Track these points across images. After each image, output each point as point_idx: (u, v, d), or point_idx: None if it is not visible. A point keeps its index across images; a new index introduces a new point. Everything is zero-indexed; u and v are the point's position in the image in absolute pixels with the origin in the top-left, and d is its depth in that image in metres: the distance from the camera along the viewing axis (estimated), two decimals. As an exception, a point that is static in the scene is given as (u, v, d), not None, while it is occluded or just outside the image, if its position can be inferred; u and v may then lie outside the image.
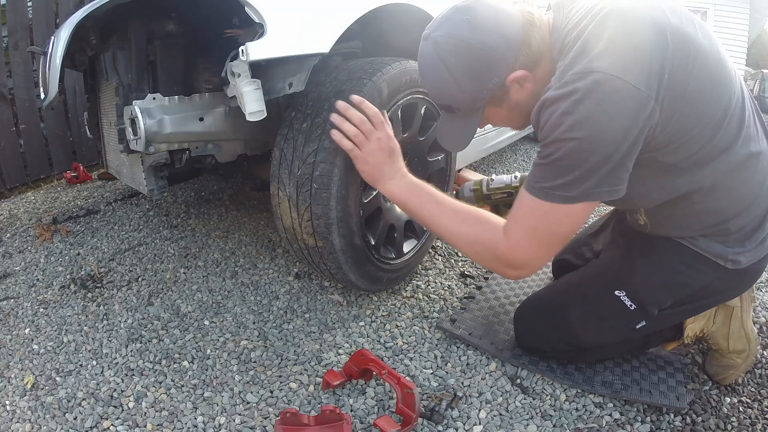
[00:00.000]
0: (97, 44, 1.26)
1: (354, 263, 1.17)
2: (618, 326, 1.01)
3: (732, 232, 0.89)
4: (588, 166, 0.75)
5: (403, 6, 1.24)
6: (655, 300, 0.96)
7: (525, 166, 2.98)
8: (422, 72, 0.90)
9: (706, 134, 0.80)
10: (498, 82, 0.84)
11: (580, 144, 0.73)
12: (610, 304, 0.99)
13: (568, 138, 0.74)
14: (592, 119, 0.72)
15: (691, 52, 0.75)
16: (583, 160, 0.74)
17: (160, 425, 0.93)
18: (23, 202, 2.26)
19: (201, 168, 1.60)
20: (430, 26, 0.87)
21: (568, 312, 1.04)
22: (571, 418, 0.97)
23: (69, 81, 2.61)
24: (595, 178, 0.76)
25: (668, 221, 0.94)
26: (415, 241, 1.40)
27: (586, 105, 0.72)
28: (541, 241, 0.85)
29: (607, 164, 0.75)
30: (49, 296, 1.39)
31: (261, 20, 0.93)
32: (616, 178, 0.77)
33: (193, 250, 1.63)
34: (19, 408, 0.98)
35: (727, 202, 0.87)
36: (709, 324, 1.09)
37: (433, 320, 1.27)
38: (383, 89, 1.12)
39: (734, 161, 0.84)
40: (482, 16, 0.82)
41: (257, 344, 1.17)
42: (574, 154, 0.75)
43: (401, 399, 0.91)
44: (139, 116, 1.05)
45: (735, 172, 0.85)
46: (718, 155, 0.82)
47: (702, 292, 0.95)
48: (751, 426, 0.99)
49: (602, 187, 0.77)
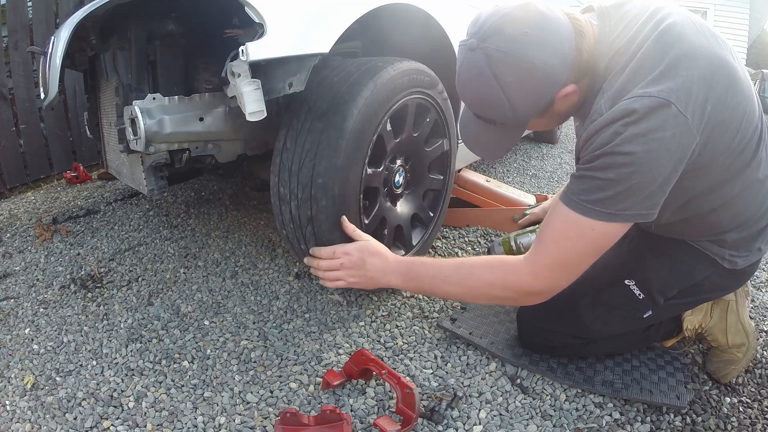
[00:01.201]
0: (97, 44, 1.26)
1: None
2: (626, 316, 1.03)
3: (728, 242, 0.93)
4: (632, 184, 0.75)
5: (403, 6, 1.24)
6: (661, 289, 0.99)
7: (525, 166, 2.98)
8: (466, 84, 0.85)
9: (728, 161, 0.82)
10: (551, 99, 0.83)
11: (631, 159, 0.74)
12: (620, 293, 1.02)
13: (619, 152, 0.74)
14: (646, 138, 0.73)
15: (731, 85, 0.77)
16: (629, 176, 0.75)
17: (160, 425, 0.93)
18: (23, 202, 2.26)
19: (201, 168, 1.59)
20: (475, 33, 0.79)
21: (578, 302, 1.05)
22: (571, 418, 0.97)
23: (69, 81, 2.61)
24: (634, 198, 0.76)
25: (670, 229, 0.98)
26: (422, 230, 1.44)
27: (643, 125, 0.72)
28: (567, 262, 0.85)
29: (650, 186, 0.75)
30: (49, 296, 1.39)
31: (261, 20, 0.93)
32: (652, 202, 0.78)
33: (193, 250, 1.63)
34: (19, 408, 0.98)
35: (727, 218, 0.91)
36: (706, 318, 1.10)
37: (433, 320, 1.27)
38: (383, 89, 1.12)
39: (743, 184, 0.87)
40: (540, 29, 0.77)
41: (257, 344, 1.16)
42: (622, 168, 0.75)
43: (401, 399, 0.91)
44: (139, 116, 1.05)
45: (741, 194, 0.88)
46: (730, 179, 0.85)
47: (704, 283, 0.98)
48: (751, 426, 0.99)
49: (639, 208, 0.77)
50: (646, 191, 0.76)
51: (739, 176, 0.86)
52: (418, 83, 1.23)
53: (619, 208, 0.77)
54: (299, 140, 1.10)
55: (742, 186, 0.87)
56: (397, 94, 1.16)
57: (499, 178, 2.65)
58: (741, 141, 0.81)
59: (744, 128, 0.81)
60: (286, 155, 1.11)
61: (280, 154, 1.13)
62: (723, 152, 0.80)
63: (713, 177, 0.84)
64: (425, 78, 1.26)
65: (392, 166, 1.30)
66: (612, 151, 0.75)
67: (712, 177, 0.84)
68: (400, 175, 1.33)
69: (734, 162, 0.83)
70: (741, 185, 0.87)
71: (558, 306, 1.08)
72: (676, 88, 0.73)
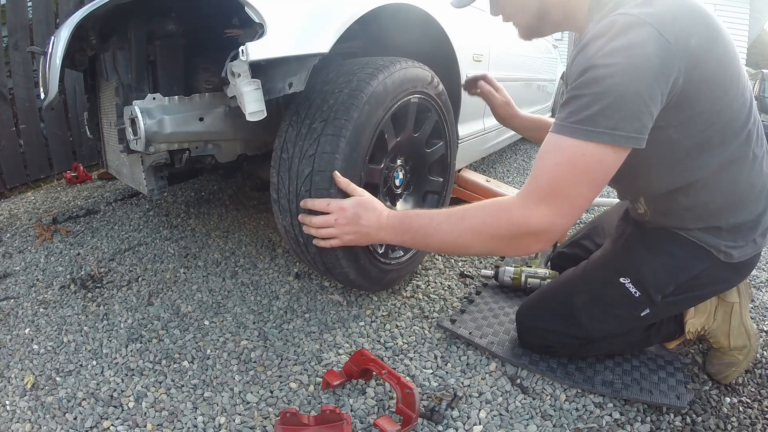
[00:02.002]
0: (97, 44, 1.26)
1: (357, 268, 1.18)
2: (623, 314, 1.02)
3: (724, 229, 0.92)
4: (616, 96, 0.74)
5: (403, 6, 1.24)
6: (658, 286, 0.98)
7: (525, 166, 2.98)
8: None
9: (713, 117, 0.82)
10: None
11: (613, 71, 0.74)
12: (615, 291, 1.01)
13: (602, 65, 0.75)
14: (628, 52, 0.74)
15: (714, 36, 0.79)
16: (612, 87, 0.74)
17: (160, 425, 0.93)
18: (23, 202, 2.26)
19: (201, 168, 1.60)
20: None
21: (574, 301, 1.05)
22: (571, 418, 0.97)
23: (69, 81, 2.62)
24: (621, 114, 0.75)
25: (666, 212, 0.97)
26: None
27: (624, 39, 0.74)
28: (560, 192, 0.80)
29: (635, 101, 0.75)
30: (49, 296, 1.39)
31: (261, 20, 0.93)
32: (640, 123, 0.76)
33: (193, 250, 1.63)
34: (19, 408, 0.98)
35: (719, 198, 0.90)
36: (709, 321, 1.10)
37: (433, 320, 1.27)
38: (384, 89, 1.12)
39: (731, 156, 0.87)
40: None
41: (257, 344, 1.17)
42: (605, 80, 0.75)
43: (401, 399, 0.91)
44: (139, 116, 1.05)
45: (729, 168, 0.88)
46: (718, 145, 0.85)
47: (699, 279, 0.97)
48: (751, 426, 0.99)
49: (628, 129, 0.76)
50: (631, 106, 0.75)
51: (728, 144, 0.85)
52: (419, 83, 1.23)
53: (607, 126, 0.76)
54: (299, 140, 1.10)
55: (732, 157, 0.86)
56: (397, 94, 1.16)
57: (499, 178, 2.65)
58: (724, 98, 0.82)
59: (732, 89, 0.82)
60: (286, 155, 1.11)
61: (280, 154, 1.13)
62: (709, 102, 0.81)
63: (701, 132, 0.83)
64: (426, 78, 1.26)
65: (392, 165, 1.30)
66: (594, 64, 0.76)
67: (700, 131, 0.83)
68: (400, 175, 1.33)
69: (722, 123, 0.83)
70: (730, 156, 0.86)
71: (555, 306, 1.09)
72: (660, 13, 0.75)
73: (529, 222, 0.83)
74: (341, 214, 1.03)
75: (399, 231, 1.00)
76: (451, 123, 1.44)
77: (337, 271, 1.18)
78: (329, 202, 1.04)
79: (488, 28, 1.89)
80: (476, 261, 1.64)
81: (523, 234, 0.85)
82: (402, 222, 1.00)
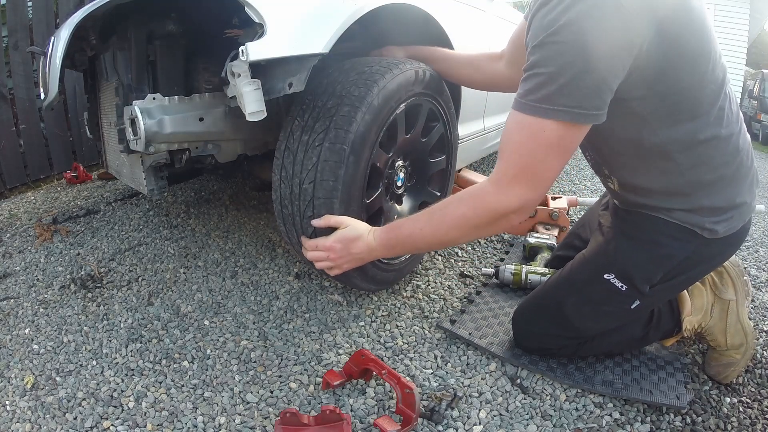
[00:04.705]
0: (97, 44, 1.26)
1: (360, 273, 1.18)
2: (613, 310, 1.02)
3: (703, 208, 0.91)
4: (572, 73, 0.74)
5: (403, 6, 1.24)
6: (644, 277, 0.97)
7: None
8: None
9: (681, 90, 0.81)
10: None
11: (566, 48, 0.73)
12: (601, 289, 1.00)
13: (553, 42, 0.74)
14: (579, 24, 0.72)
15: (684, 8, 0.77)
16: (568, 65, 0.74)
17: (160, 425, 0.93)
18: (23, 202, 2.26)
19: (201, 168, 1.60)
20: None
21: (563, 304, 1.05)
22: (571, 418, 0.97)
23: (69, 81, 2.61)
24: (579, 93, 0.75)
25: (635, 187, 0.96)
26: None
27: (575, 10, 0.72)
28: (528, 169, 0.82)
29: (593, 77, 0.74)
30: (49, 296, 1.39)
31: (261, 20, 0.93)
32: (599, 98, 0.76)
33: (193, 250, 1.63)
34: (19, 408, 0.98)
35: (690, 175, 0.89)
36: (706, 318, 1.10)
37: (433, 320, 1.27)
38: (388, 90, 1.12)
39: (699, 133, 0.85)
40: None
41: (257, 344, 1.17)
42: (559, 57, 0.74)
43: (401, 399, 0.91)
44: (139, 116, 1.05)
45: (698, 146, 0.86)
46: (687, 121, 0.84)
47: (687, 262, 0.96)
48: (751, 426, 0.99)
49: (587, 106, 0.76)
50: (589, 84, 0.74)
51: (697, 121, 0.84)
52: (421, 84, 1.23)
53: (565, 104, 0.75)
54: (301, 140, 1.10)
55: (705, 135, 0.85)
56: (399, 95, 1.16)
57: (499, 178, 2.64)
58: (695, 72, 0.80)
59: (697, 58, 0.80)
60: (288, 155, 1.11)
61: (281, 154, 1.13)
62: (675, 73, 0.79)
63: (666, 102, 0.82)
64: (427, 78, 1.26)
65: (394, 165, 1.30)
66: (548, 41, 0.75)
67: (665, 101, 0.82)
68: (401, 175, 1.33)
69: (690, 99, 0.82)
70: (698, 132, 0.85)
71: (546, 310, 1.09)
72: None
73: (506, 205, 0.87)
74: (332, 251, 1.08)
75: (388, 247, 1.04)
76: (453, 122, 1.43)
77: (341, 276, 1.18)
78: (317, 245, 1.09)
79: (488, 28, 1.90)
80: (476, 261, 1.64)
81: (502, 215, 0.89)
82: (389, 238, 1.04)
